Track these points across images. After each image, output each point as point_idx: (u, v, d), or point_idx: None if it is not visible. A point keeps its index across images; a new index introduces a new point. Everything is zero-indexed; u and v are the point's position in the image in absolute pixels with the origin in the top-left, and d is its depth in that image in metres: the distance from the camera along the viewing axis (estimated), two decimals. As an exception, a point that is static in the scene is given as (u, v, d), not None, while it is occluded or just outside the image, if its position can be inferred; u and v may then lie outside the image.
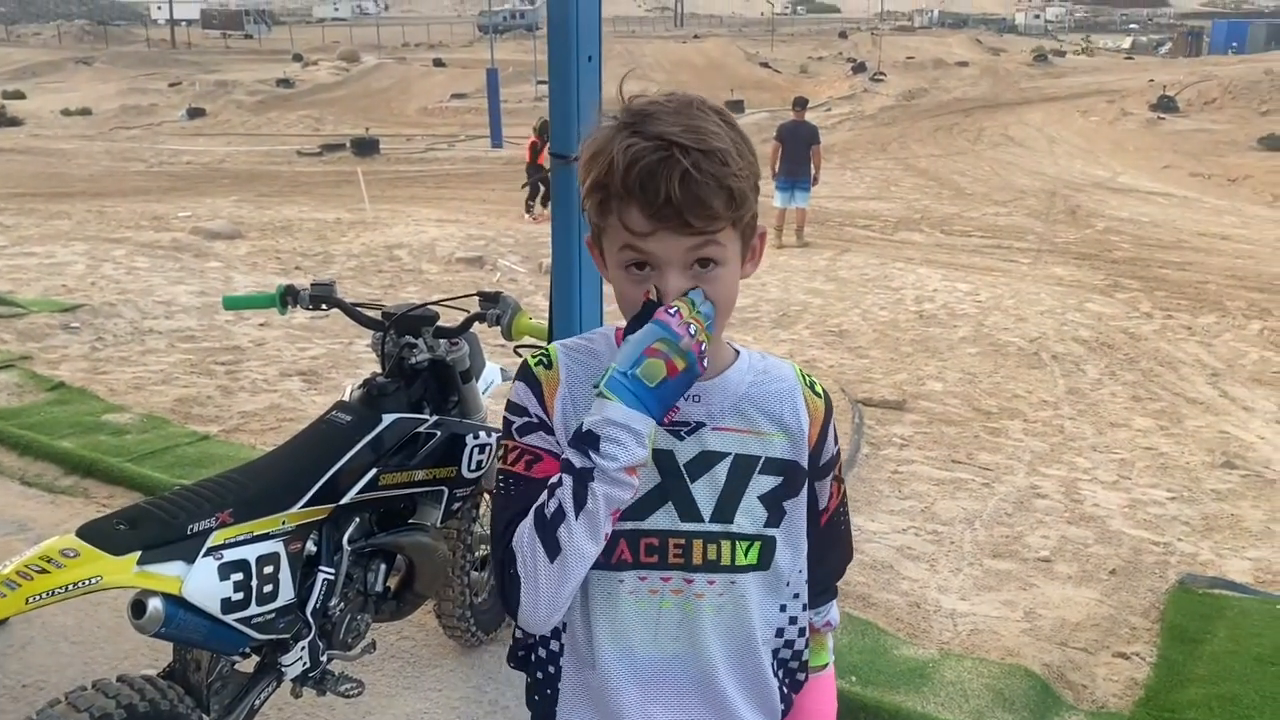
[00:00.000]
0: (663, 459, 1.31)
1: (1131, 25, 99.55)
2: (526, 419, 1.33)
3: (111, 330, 7.19)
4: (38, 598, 1.94)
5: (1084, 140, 26.11)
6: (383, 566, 2.68)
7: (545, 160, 14.82)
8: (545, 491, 1.24)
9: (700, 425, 1.33)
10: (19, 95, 37.35)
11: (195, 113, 33.09)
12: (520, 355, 2.96)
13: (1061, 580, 4.19)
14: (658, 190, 1.16)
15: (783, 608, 1.40)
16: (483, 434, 2.79)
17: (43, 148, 25.48)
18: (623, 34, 71.31)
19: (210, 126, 31.23)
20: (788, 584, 1.39)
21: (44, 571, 1.96)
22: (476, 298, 2.84)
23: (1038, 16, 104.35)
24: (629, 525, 1.30)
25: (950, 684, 3.24)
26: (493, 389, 3.15)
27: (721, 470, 1.33)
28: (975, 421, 6.69)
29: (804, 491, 1.38)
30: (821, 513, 1.43)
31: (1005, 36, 78.27)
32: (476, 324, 2.83)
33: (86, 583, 1.99)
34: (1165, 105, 30.06)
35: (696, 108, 1.23)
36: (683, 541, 1.32)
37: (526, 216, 15.15)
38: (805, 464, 1.37)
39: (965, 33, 77.94)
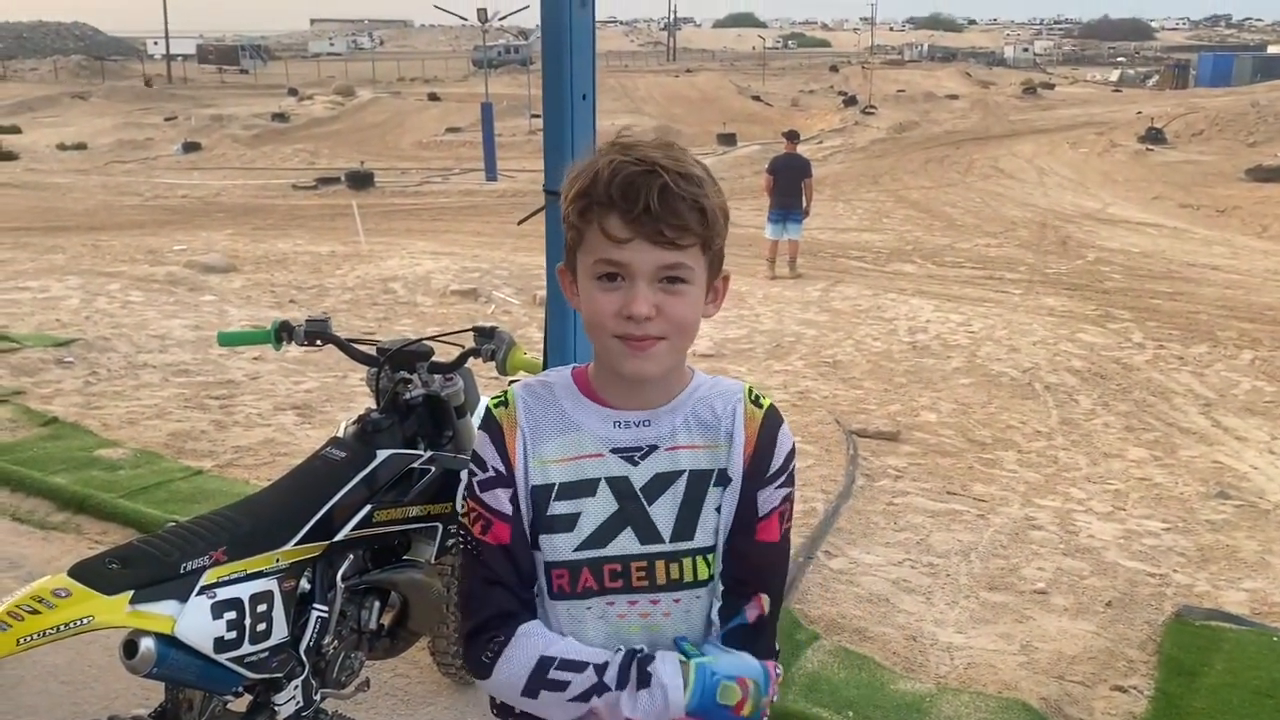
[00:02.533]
0: (619, 485, 1.37)
1: (1119, 58, 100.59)
2: (485, 474, 1.39)
3: (105, 365, 7.18)
4: (29, 639, 1.93)
5: (1073, 172, 26.30)
6: (377, 604, 2.67)
7: None
8: (573, 667, 1.33)
9: (653, 448, 1.38)
10: (15, 130, 37.46)
11: (190, 147, 33.20)
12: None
13: (1058, 612, 4.18)
14: (637, 199, 1.24)
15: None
16: (477, 469, 2.78)
17: (38, 182, 25.52)
18: (615, 69, 71.91)
19: (205, 160, 31.32)
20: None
21: (35, 612, 1.95)
22: (471, 333, 2.85)
23: (1026, 50, 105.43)
24: (591, 553, 1.37)
25: (948, 718, 3.22)
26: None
27: (680, 487, 1.38)
28: (969, 452, 6.69)
29: (737, 498, 1.40)
30: (765, 518, 1.41)
31: (994, 69, 79.07)
32: (471, 359, 2.83)
33: (78, 623, 1.98)
34: (1153, 137, 30.31)
35: (675, 146, 1.32)
36: (645, 564, 1.37)
37: None
38: (738, 473, 1.40)
39: (955, 66, 78.72)
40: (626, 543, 1.37)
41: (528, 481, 1.37)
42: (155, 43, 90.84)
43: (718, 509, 1.39)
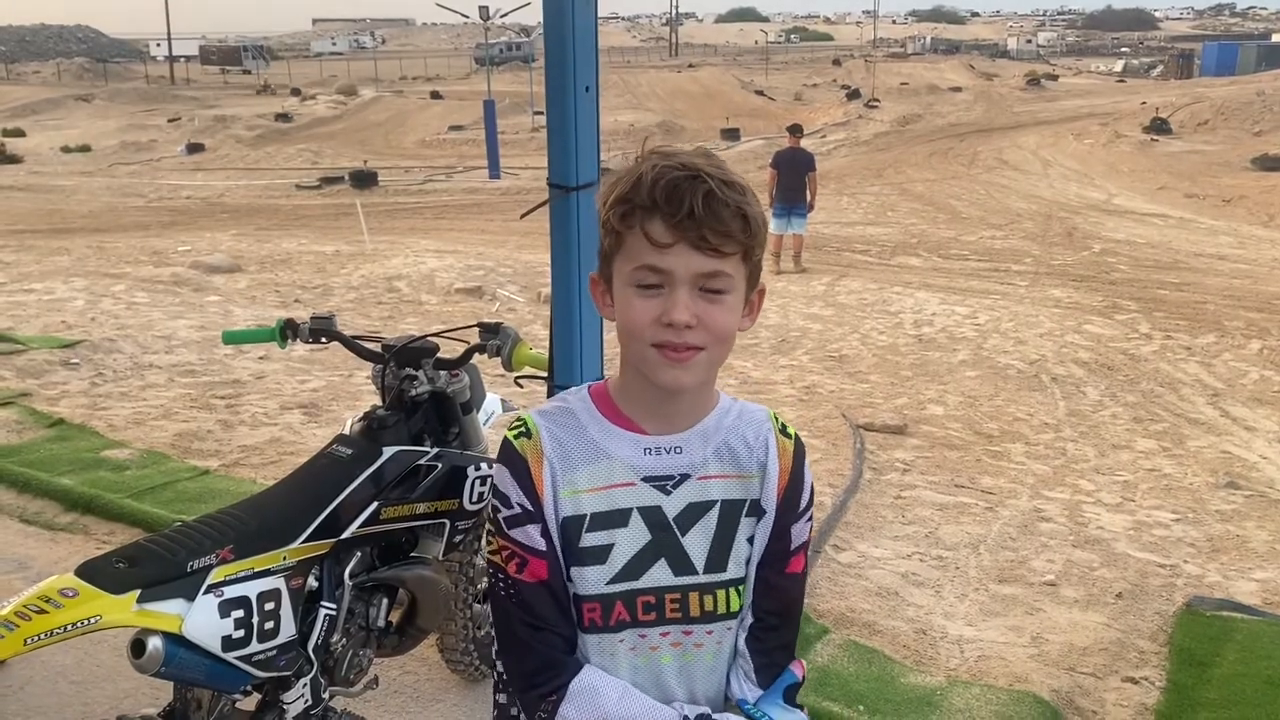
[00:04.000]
0: (651, 515, 1.34)
1: (1123, 49, 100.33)
2: (512, 510, 1.35)
3: (111, 366, 7.18)
4: (36, 638, 1.92)
5: (1078, 163, 26.22)
6: (385, 601, 2.66)
7: None
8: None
9: (685, 477, 1.36)
10: (19, 133, 37.49)
11: (194, 148, 33.22)
12: (521, 386, 2.97)
13: (1068, 604, 4.16)
14: (681, 202, 1.22)
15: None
16: (484, 465, 2.78)
17: (42, 184, 25.55)
18: (618, 64, 71.86)
19: (209, 161, 31.35)
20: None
21: (42, 612, 1.94)
22: (477, 329, 2.84)
23: (1029, 41, 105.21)
24: (624, 586, 1.34)
25: (959, 712, 3.21)
26: (494, 420, 3.14)
27: (712, 518, 1.36)
28: (977, 445, 6.67)
29: (770, 530, 1.40)
30: (795, 552, 1.42)
31: (998, 61, 78.90)
32: (477, 355, 2.82)
33: (85, 622, 1.97)
34: (1158, 127, 30.23)
35: (715, 156, 1.31)
36: (679, 596, 1.35)
37: None
38: (772, 505, 1.39)
39: (958, 58, 78.54)
40: (660, 574, 1.34)
41: (558, 514, 1.33)
42: (158, 44, 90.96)
43: (749, 540, 1.38)
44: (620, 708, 1.31)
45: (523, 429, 1.37)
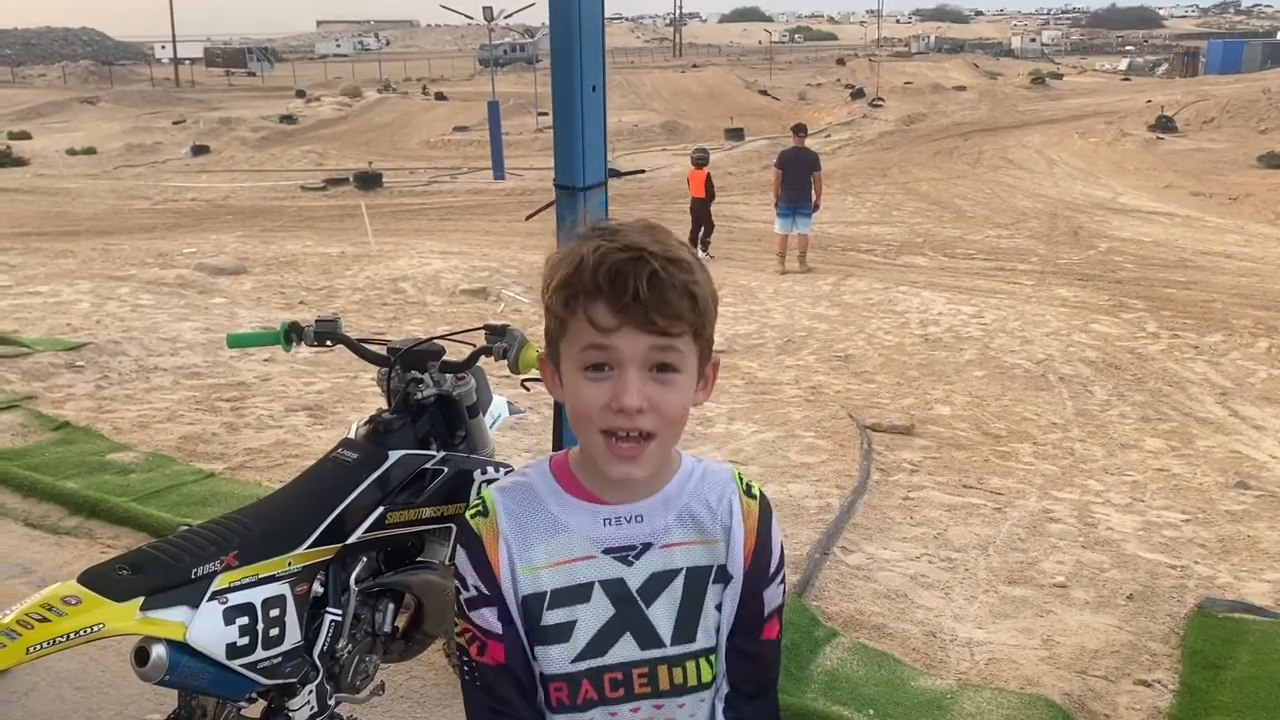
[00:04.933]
0: (614, 587, 1.30)
1: (1127, 47, 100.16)
2: (469, 593, 1.32)
3: (116, 368, 7.17)
4: (39, 647, 1.90)
5: (1084, 161, 26.16)
6: (391, 606, 2.64)
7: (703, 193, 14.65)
8: None
9: (647, 546, 1.31)
10: (24, 135, 37.56)
11: (199, 150, 33.26)
12: (527, 389, 2.95)
13: (1079, 606, 4.13)
14: (625, 286, 1.18)
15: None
16: (490, 469, 2.76)
17: (48, 187, 25.59)
18: (622, 65, 71.84)
19: (214, 163, 31.38)
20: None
21: (45, 620, 1.92)
22: (483, 331, 2.82)
23: (1034, 40, 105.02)
24: (590, 663, 1.30)
25: (970, 715, 3.18)
26: (500, 423, 3.11)
27: (677, 588, 1.32)
28: (985, 445, 6.64)
29: (738, 595, 1.35)
30: (769, 618, 1.38)
31: (1002, 60, 78.74)
32: (483, 358, 2.80)
33: (88, 630, 1.96)
34: (1164, 125, 30.15)
35: (660, 229, 1.26)
36: (647, 670, 1.31)
37: (704, 255, 14.05)
38: (739, 571, 1.34)
39: (962, 57, 78.38)
40: (626, 650, 1.31)
41: (517, 592, 1.30)
42: (163, 47, 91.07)
43: (717, 607, 1.34)
44: None
45: (480, 508, 1.34)
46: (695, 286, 1.21)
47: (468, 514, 1.35)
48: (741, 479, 1.38)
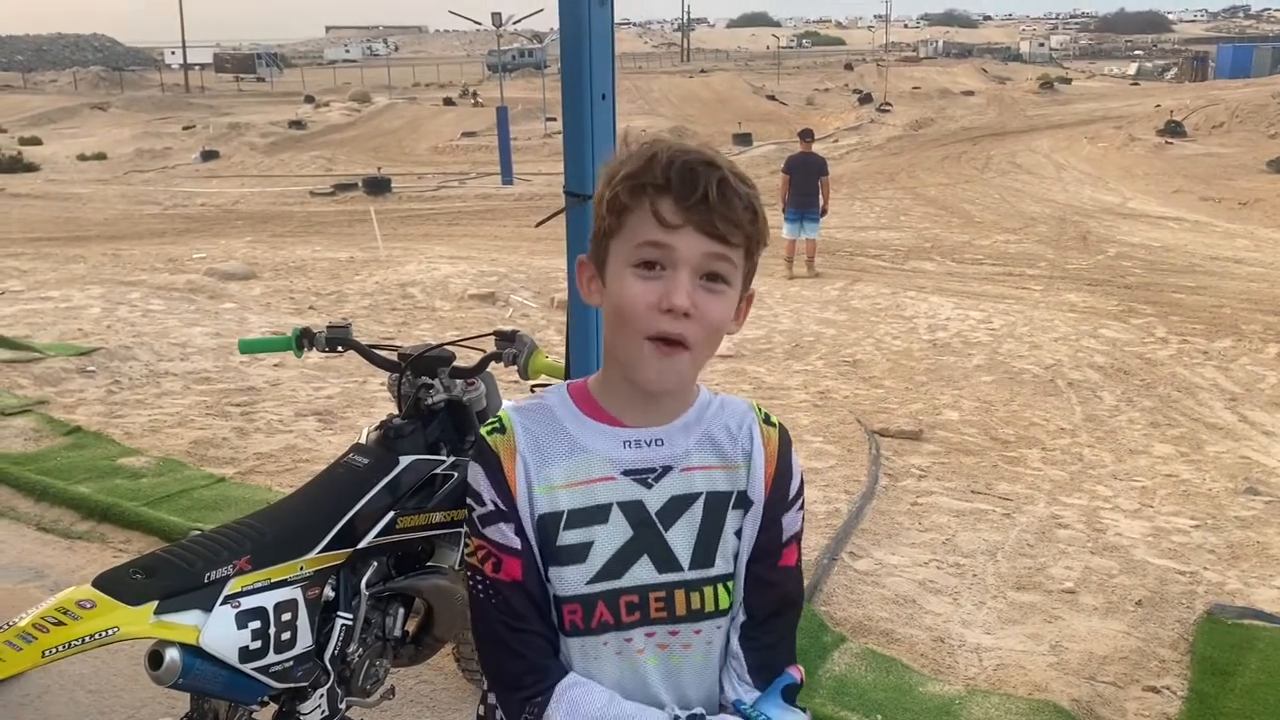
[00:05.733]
0: (632, 510, 1.29)
1: (1136, 52, 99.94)
2: (485, 508, 1.31)
3: (127, 373, 7.21)
4: (54, 650, 1.92)
5: (1092, 166, 26.11)
6: (401, 611, 2.65)
7: None
8: None
9: (667, 469, 1.31)
10: (35, 141, 37.80)
11: (209, 155, 33.41)
12: (536, 393, 2.96)
13: (1087, 612, 4.12)
14: (696, 185, 1.20)
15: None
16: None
17: (59, 192, 25.73)
18: (630, 70, 71.91)
19: (224, 168, 31.51)
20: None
21: (60, 624, 1.94)
22: (492, 337, 2.83)
23: (1042, 44, 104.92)
24: (605, 585, 1.29)
25: (978, 721, 3.18)
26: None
27: (697, 511, 1.31)
28: (993, 451, 6.63)
29: (759, 521, 1.35)
30: (788, 544, 1.37)
31: (1010, 65, 78.66)
32: (493, 363, 2.81)
33: (103, 634, 1.97)
34: (1173, 130, 30.09)
35: (723, 155, 1.28)
36: (663, 594, 1.30)
37: None
38: (760, 496, 1.34)
39: (970, 62, 78.36)
40: (643, 572, 1.29)
41: (533, 511, 1.28)
42: (173, 53, 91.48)
43: (737, 533, 1.33)
44: (607, 712, 1.26)
45: (497, 425, 1.33)
46: (756, 203, 1.24)
47: (484, 430, 1.34)
48: (760, 409, 1.39)
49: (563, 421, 1.32)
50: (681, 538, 1.30)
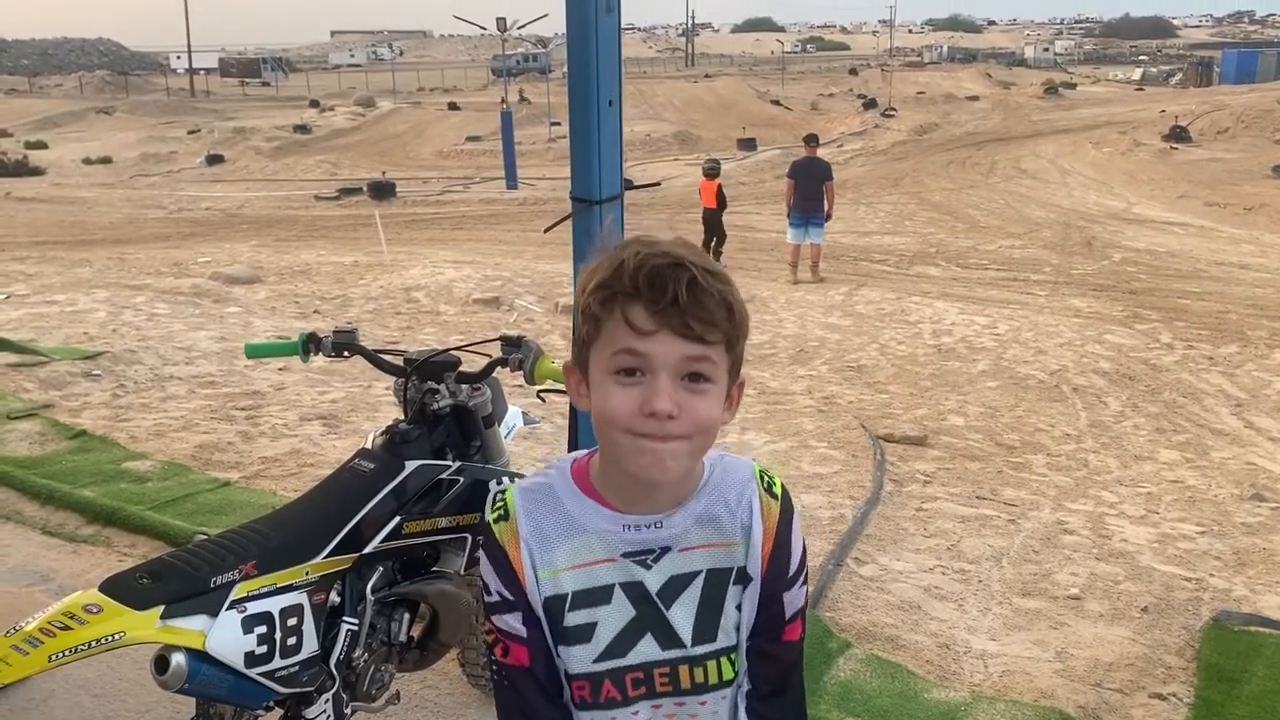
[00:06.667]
0: (633, 590, 1.31)
1: (1141, 57, 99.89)
2: (492, 598, 1.35)
3: (132, 377, 7.22)
4: (60, 655, 1.92)
5: (1097, 171, 26.09)
6: (406, 616, 2.65)
7: (714, 203, 14.75)
8: None
9: (666, 550, 1.31)
10: (41, 145, 37.92)
11: (214, 159, 33.51)
12: (542, 400, 2.96)
13: (1093, 619, 4.11)
14: (665, 290, 1.18)
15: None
16: (506, 479, 2.77)
17: (64, 196, 25.79)
18: (634, 75, 72.01)
19: (229, 173, 31.59)
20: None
21: (66, 628, 1.94)
22: (498, 342, 2.83)
23: (1047, 49, 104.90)
24: (611, 664, 1.32)
25: (984, 728, 3.17)
26: (515, 433, 3.13)
27: (696, 589, 1.32)
28: (998, 456, 6.62)
29: (758, 596, 1.35)
30: (791, 620, 1.37)
31: (1015, 70, 78.67)
32: (498, 368, 2.81)
33: (109, 639, 1.97)
34: (1178, 135, 30.08)
35: (696, 247, 1.28)
36: (668, 670, 1.33)
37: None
38: (758, 572, 1.34)
39: (975, 67, 78.37)
40: (647, 650, 1.32)
41: (540, 594, 1.31)
42: (178, 58, 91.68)
43: (738, 607, 1.34)
44: None
45: (501, 511, 1.35)
46: (731, 298, 1.22)
47: (490, 517, 1.36)
48: (763, 476, 1.37)
49: (565, 503, 1.33)
50: (683, 615, 1.32)
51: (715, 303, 1.20)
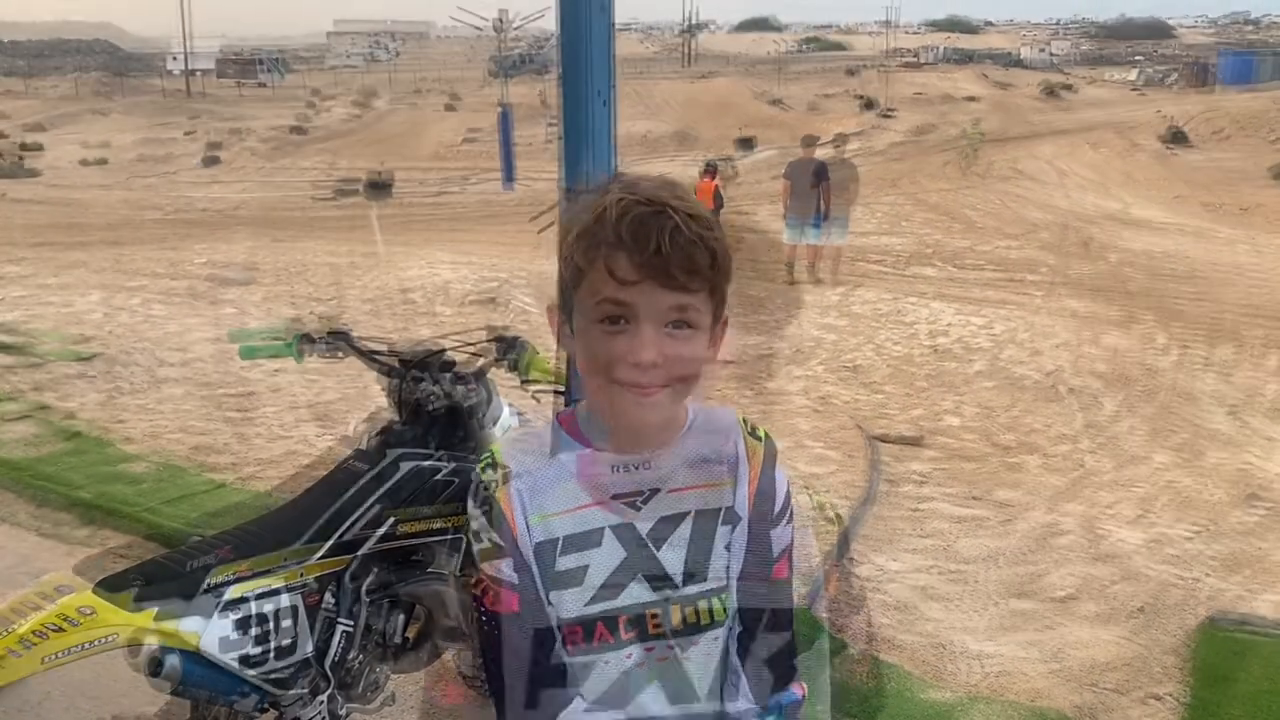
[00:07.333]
0: (624, 532, 1.32)
1: (1138, 58, 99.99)
2: (482, 545, 1.35)
3: (128, 378, 7.21)
4: (54, 657, 1.92)
5: (1094, 173, 26.10)
6: (401, 617, 2.65)
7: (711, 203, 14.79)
8: None
9: (655, 491, 1.33)
10: (38, 146, 37.83)
11: (210, 159, 33.44)
12: (536, 399, 2.96)
13: (1087, 619, 4.12)
14: (648, 240, 1.18)
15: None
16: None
17: (61, 197, 25.73)
18: (631, 74, 71.93)
19: (225, 172, 31.53)
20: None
21: (60, 630, 1.94)
22: (493, 342, 2.83)
23: (1044, 50, 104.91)
24: (603, 606, 1.32)
25: (978, 729, 3.17)
26: (509, 432, 3.13)
27: (686, 530, 1.33)
28: (993, 457, 6.63)
29: (746, 536, 1.36)
30: (778, 558, 1.38)
31: (1012, 71, 78.62)
32: (492, 367, 2.81)
33: (102, 640, 1.98)
34: (1175, 137, 30.09)
35: (679, 184, 1.27)
36: (659, 611, 1.33)
37: None
38: (745, 511, 1.35)
39: (972, 68, 78.32)
40: (638, 591, 1.32)
41: (530, 539, 1.32)
42: (174, 58, 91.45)
43: (727, 547, 1.35)
44: None
45: (489, 460, 1.36)
46: (715, 242, 1.22)
47: (478, 467, 1.37)
48: (746, 422, 1.40)
49: (553, 450, 1.35)
50: (673, 556, 1.33)
51: (699, 250, 1.21)
